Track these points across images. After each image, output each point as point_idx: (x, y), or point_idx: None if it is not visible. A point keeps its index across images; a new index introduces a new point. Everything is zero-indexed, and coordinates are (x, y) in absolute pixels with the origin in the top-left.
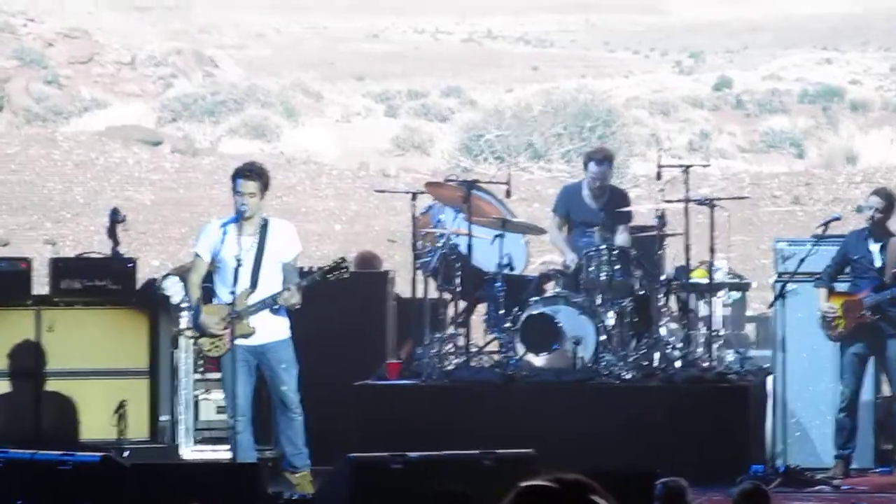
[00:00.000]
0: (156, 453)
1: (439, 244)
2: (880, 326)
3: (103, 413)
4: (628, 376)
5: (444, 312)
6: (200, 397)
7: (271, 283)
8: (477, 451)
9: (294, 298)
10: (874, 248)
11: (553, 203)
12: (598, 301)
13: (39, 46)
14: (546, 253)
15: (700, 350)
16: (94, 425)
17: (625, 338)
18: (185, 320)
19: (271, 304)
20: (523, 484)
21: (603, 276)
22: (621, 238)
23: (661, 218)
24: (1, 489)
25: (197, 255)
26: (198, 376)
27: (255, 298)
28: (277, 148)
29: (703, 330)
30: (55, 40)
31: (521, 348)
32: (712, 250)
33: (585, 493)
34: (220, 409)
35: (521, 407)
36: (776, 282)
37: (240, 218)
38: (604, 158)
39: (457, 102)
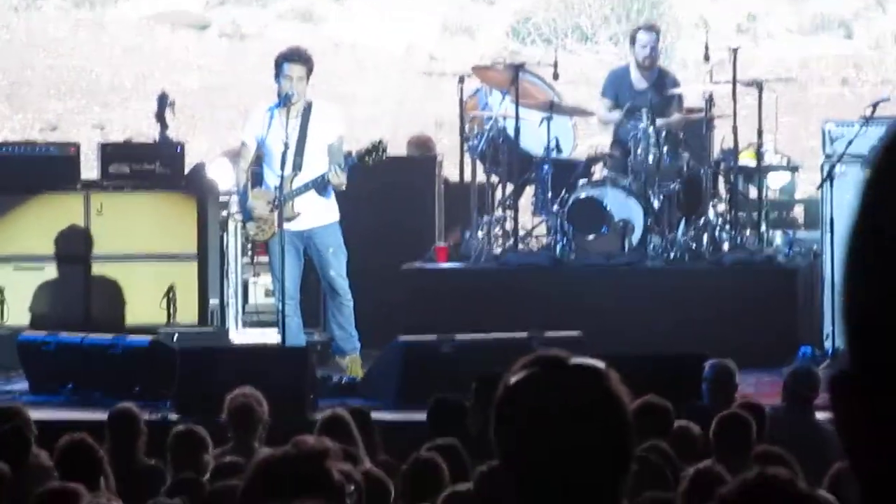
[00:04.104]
0: (205, 337)
1: (487, 127)
2: None
3: (152, 297)
4: (676, 259)
5: (491, 196)
6: (249, 281)
7: (316, 165)
8: (525, 334)
9: (337, 179)
10: None
11: (601, 86)
12: (646, 184)
13: None
14: (593, 136)
15: (748, 233)
16: (143, 310)
17: (672, 221)
18: (233, 205)
19: (315, 186)
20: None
21: (651, 159)
22: (674, 119)
23: (709, 100)
24: (51, 373)
25: (243, 143)
26: (246, 260)
27: (299, 181)
28: (324, 32)
29: (752, 212)
30: None
31: (569, 231)
32: (760, 132)
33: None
34: (269, 293)
35: (569, 290)
36: (824, 163)
37: (285, 102)
38: (650, 28)
39: None
